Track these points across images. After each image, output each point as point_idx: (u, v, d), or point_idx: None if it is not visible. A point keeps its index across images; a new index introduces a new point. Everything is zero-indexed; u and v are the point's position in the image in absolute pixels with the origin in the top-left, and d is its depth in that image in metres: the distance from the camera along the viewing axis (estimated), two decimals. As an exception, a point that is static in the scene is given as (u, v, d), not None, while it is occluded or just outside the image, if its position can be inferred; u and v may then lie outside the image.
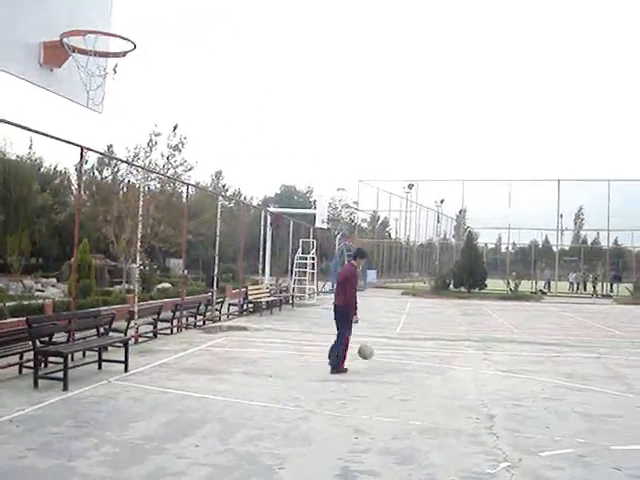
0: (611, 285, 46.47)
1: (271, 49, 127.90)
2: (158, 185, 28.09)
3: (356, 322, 11.78)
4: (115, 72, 10.04)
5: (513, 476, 5.84)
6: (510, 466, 6.12)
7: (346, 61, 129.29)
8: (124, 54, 9.92)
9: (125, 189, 27.30)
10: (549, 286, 47.82)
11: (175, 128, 26.75)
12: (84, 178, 24.58)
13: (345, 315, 11.57)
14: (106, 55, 10.05)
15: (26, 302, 15.99)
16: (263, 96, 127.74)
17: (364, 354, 11.57)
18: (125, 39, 9.69)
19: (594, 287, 46.19)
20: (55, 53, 9.45)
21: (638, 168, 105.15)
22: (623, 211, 46.29)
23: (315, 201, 41.65)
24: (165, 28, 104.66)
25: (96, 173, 34.71)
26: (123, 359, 10.57)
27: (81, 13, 9.97)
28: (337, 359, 11.17)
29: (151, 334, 14.74)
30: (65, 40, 9.36)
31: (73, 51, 9.45)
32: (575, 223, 64.48)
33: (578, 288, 47.64)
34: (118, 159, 25.18)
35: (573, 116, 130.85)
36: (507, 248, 55.36)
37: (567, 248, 59.69)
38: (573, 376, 11.36)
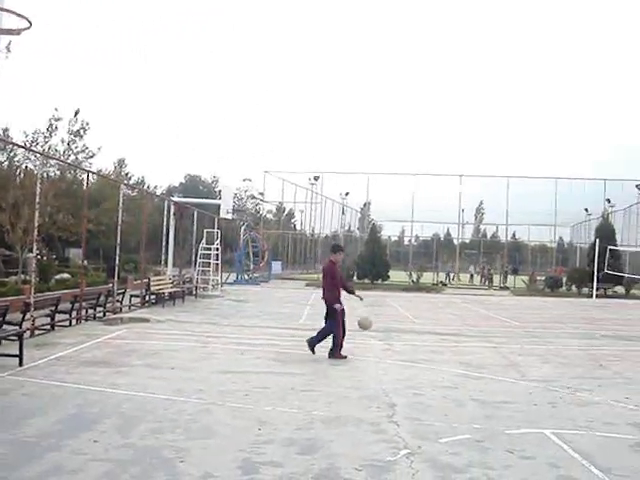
0: (505, 277, 48.23)
1: (175, 30, 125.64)
2: (58, 172, 27.19)
3: (361, 299, 12.70)
4: (9, 51, 9.59)
5: (413, 463, 5.97)
6: (410, 453, 6.25)
7: (252, 50, 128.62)
8: (19, 32, 9.45)
9: (22, 175, 26.22)
10: (450, 278, 49.23)
11: (77, 113, 25.98)
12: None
13: (331, 309, 12.03)
14: (-1, 32, 9.58)
15: None
16: (169, 82, 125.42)
17: (364, 325, 12.59)
18: (20, 16, 9.22)
19: (490, 279, 47.83)
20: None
21: (536, 166, 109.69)
22: (521, 207, 48.19)
23: (220, 191, 41.32)
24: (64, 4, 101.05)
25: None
26: (17, 353, 10.15)
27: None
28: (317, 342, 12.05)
29: (48, 327, 14.23)
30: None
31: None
32: (475, 217, 66.67)
33: (485, 280, 49.16)
34: (14, 144, 24.14)
35: (476, 114, 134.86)
36: (410, 241, 56.69)
37: (468, 241, 61.55)
38: (471, 365, 11.73)
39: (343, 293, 12.35)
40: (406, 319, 20.32)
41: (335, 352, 11.78)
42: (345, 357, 11.73)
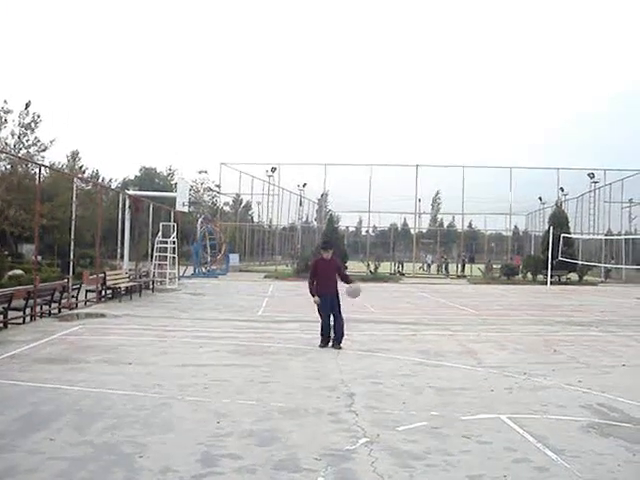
0: (463, 266, 48.83)
1: (127, 19, 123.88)
2: (9, 166, 26.65)
3: (316, 302, 12.46)
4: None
5: (372, 451, 6.02)
6: (369, 441, 6.30)
7: (207, 39, 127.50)
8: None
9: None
10: (429, 269, 49.61)
11: (28, 105, 25.52)
12: None
13: (337, 300, 12.41)
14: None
15: None
16: (123, 72, 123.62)
17: (355, 293, 12.80)
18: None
19: (445, 267, 48.39)
20: None
21: (491, 155, 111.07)
22: (477, 196, 48.77)
23: (176, 184, 40.96)
24: None
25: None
26: (-31, 351, 9.97)
27: None
28: (341, 335, 12.31)
29: (1, 324, 13.96)
30: None
31: None
32: (432, 207, 67.20)
33: (438, 270, 49.67)
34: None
35: (431, 103, 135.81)
36: (367, 231, 56.94)
37: (425, 231, 62.07)
38: (428, 353, 11.86)
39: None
40: (363, 309, 20.38)
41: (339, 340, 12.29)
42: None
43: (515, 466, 5.72)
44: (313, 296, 12.41)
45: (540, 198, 53.58)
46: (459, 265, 49.37)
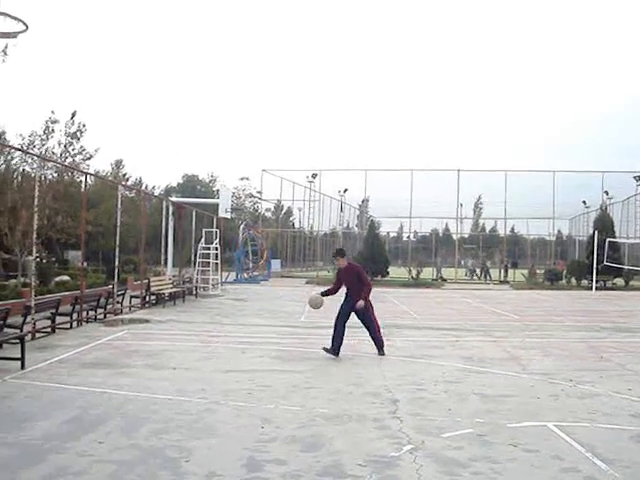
0: (506, 271, 48.23)
1: (168, 31, 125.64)
2: (55, 174, 27.12)
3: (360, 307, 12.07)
4: (5, 54, 9.54)
5: (416, 458, 5.99)
6: (413, 448, 6.27)
7: (250, 48, 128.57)
8: (15, 35, 9.42)
9: (20, 178, 26.19)
10: (472, 275, 49.09)
11: (73, 115, 25.88)
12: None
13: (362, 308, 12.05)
14: (-6, 35, 9.55)
15: None
16: (166, 82, 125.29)
17: (314, 304, 12.51)
18: (16, 19, 9.20)
19: (486, 273, 47.77)
20: None
21: (533, 160, 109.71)
22: (519, 201, 48.16)
23: (218, 191, 41.30)
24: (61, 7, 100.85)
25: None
26: (19, 356, 10.16)
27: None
28: (379, 341, 12.08)
29: (49, 329, 14.24)
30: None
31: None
32: (474, 212, 66.61)
33: (480, 275, 49.16)
34: (11, 147, 24.07)
35: (473, 108, 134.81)
36: (409, 237, 56.61)
37: (467, 236, 61.50)
38: (472, 359, 11.75)
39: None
40: (406, 315, 20.32)
41: (380, 345, 12.07)
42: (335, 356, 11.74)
43: (564, 475, 5.63)
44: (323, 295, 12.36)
45: (584, 202, 52.69)
46: (502, 270, 48.77)
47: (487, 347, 13.50)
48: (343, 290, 12.42)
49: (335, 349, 11.72)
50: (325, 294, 12.39)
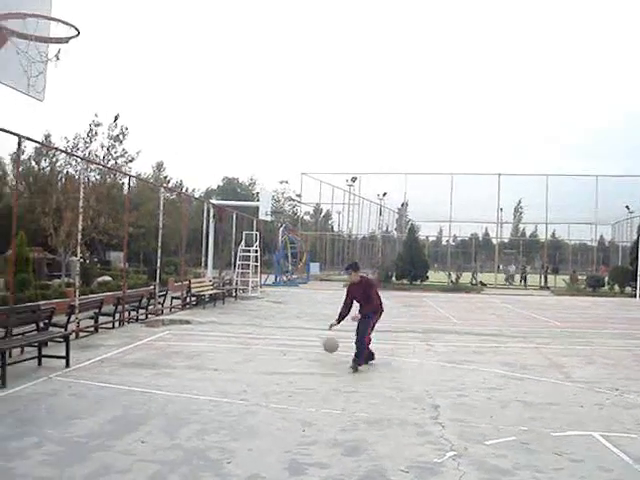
0: (546, 276, 47.54)
1: (212, 37, 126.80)
2: (98, 176, 27.54)
3: (353, 319, 11.54)
4: (58, 59, 9.72)
5: (460, 465, 5.93)
6: (456, 455, 6.21)
7: (288, 52, 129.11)
8: (67, 40, 9.62)
9: (64, 180, 26.67)
10: (512, 279, 48.46)
11: (116, 118, 26.19)
12: (21, 168, 23.96)
13: (366, 318, 11.39)
14: (48, 41, 9.75)
15: (-40, 297, 15.45)
16: (206, 85, 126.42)
17: (330, 347, 11.69)
18: (68, 24, 9.39)
19: (524, 278, 47.09)
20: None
21: (574, 164, 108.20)
22: (560, 205, 47.47)
23: (258, 193, 41.52)
24: (105, 12, 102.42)
25: (33, 163, 33.82)
26: (64, 354, 10.34)
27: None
28: (361, 352, 11.13)
29: (92, 329, 14.45)
30: (3, 23, 9.04)
31: (12, 35, 9.13)
32: (514, 216, 65.83)
33: (521, 280, 48.57)
34: (57, 149, 24.49)
35: (513, 112, 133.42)
36: (448, 241, 56.22)
37: (507, 241, 60.81)
38: (514, 366, 11.60)
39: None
40: (446, 320, 20.16)
41: (360, 360, 11.10)
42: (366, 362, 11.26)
43: (611, 486, 5.53)
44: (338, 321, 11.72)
45: (627, 207, 51.72)
46: (542, 276, 48.06)
47: (528, 353, 13.32)
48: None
49: (364, 359, 11.19)
50: (340, 319, 11.73)
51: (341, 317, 11.75)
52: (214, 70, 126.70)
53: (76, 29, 9.30)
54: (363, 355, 11.15)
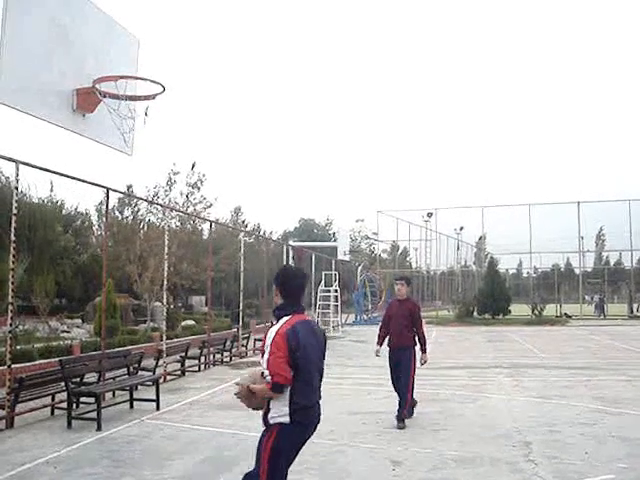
0: (631, 305, 45.76)
1: (287, 79, 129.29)
2: (178, 223, 28.32)
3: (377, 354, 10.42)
4: (147, 115, 10.19)
5: (556, 503, 5.78)
6: (552, 493, 6.05)
7: (362, 91, 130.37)
8: (154, 97, 10.12)
9: (146, 228, 27.54)
10: (602, 310, 46.80)
11: (193, 166, 26.98)
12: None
13: (406, 355, 9.90)
14: (137, 98, 10.29)
15: (54, 343, 16.06)
16: (280, 130, 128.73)
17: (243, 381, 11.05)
18: (154, 82, 9.90)
19: (601, 307, 45.25)
20: (88, 99, 9.73)
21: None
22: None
23: (335, 233, 41.78)
24: (181, 65, 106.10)
25: (117, 213, 35.11)
26: (154, 397, 10.61)
27: (110, 58, 10.23)
28: (405, 401, 9.54)
29: (179, 372, 14.76)
30: (97, 86, 9.59)
31: (104, 96, 9.67)
32: (596, 244, 64.04)
33: (595, 309, 46.94)
34: (141, 198, 25.42)
35: (589, 138, 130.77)
36: (529, 273, 54.99)
37: (590, 270, 59.06)
38: (606, 400, 11.21)
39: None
40: (532, 353, 19.68)
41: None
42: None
43: None
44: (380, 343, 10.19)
45: None
46: (629, 305, 46.28)
47: (622, 387, 12.85)
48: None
49: (409, 410, 9.78)
50: (382, 342, 10.19)
51: (382, 339, 10.18)
52: (288, 113, 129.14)
53: (162, 86, 9.78)
54: (407, 404, 9.55)
